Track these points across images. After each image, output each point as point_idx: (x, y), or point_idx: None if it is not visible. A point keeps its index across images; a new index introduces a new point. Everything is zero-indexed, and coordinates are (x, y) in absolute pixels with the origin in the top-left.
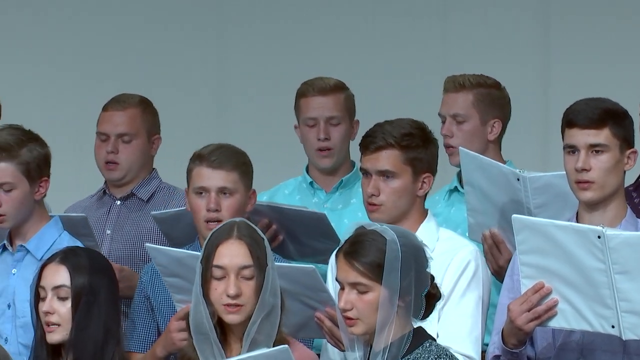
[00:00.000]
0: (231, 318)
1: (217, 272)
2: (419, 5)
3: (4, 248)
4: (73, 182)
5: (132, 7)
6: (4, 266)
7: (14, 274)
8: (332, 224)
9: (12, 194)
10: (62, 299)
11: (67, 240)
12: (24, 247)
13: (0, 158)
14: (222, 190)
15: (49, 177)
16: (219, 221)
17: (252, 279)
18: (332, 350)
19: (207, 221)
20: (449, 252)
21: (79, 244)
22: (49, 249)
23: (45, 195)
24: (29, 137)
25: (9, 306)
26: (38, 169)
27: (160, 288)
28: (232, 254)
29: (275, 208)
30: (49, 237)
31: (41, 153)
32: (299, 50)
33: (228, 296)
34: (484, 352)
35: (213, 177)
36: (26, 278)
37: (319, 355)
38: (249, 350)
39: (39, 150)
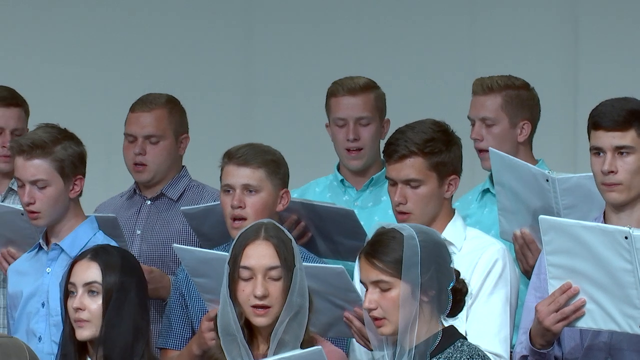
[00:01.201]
0: (259, 321)
1: (244, 273)
2: (449, 4)
3: (40, 247)
4: (103, 181)
5: (161, 6)
6: (38, 265)
7: (48, 273)
8: (363, 222)
9: (47, 191)
10: (93, 295)
11: (101, 240)
12: (58, 245)
13: (34, 155)
14: (246, 188)
15: (84, 175)
16: (243, 218)
17: (280, 279)
18: (359, 350)
19: (232, 218)
20: (477, 251)
21: (113, 244)
22: (83, 247)
23: (80, 194)
24: (65, 136)
25: (43, 305)
26: (72, 167)
27: (195, 286)
28: (260, 254)
29: (304, 204)
30: (84, 236)
31: (76, 151)
32: (328, 50)
33: (255, 297)
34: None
35: (238, 174)
36: (60, 277)
37: (347, 354)
38: (276, 351)
39: (74, 148)
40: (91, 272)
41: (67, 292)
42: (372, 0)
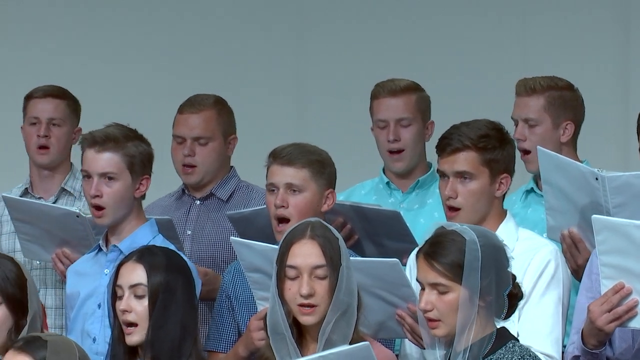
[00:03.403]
0: (305, 319)
1: (290, 272)
2: (498, 5)
3: (99, 249)
4: (152, 182)
5: (213, 8)
6: (97, 266)
7: (106, 274)
8: (408, 224)
9: (114, 185)
10: (139, 297)
11: (160, 243)
12: (117, 247)
13: (107, 148)
14: (289, 187)
15: (150, 176)
16: (286, 219)
17: (326, 278)
18: (409, 348)
19: (276, 219)
20: (529, 252)
21: (172, 247)
22: None
23: (144, 196)
24: (135, 135)
25: (99, 306)
26: (141, 165)
27: (242, 288)
28: (305, 253)
29: (351, 206)
30: (143, 239)
31: (146, 150)
32: (379, 51)
33: (301, 296)
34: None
35: (281, 174)
36: None
37: (397, 356)
38: (324, 350)
39: (144, 147)
40: (136, 274)
41: (114, 294)
42: (422, 2)
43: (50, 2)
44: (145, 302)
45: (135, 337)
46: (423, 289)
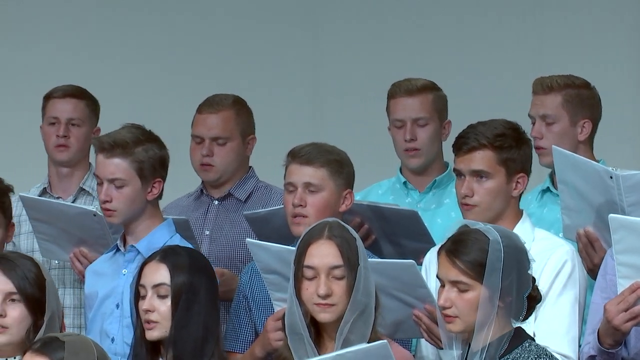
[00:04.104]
0: (323, 316)
1: (308, 272)
2: (514, 5)
3: (117, 249)
4: (170, 182)
5: (229, 8)
6: (115, 266)
7: (124, 275)
8: (425, 224)
9: (123, 190)
10: (162, 297)
11: (178, 243)
12: (135, 247)
13: (115, 154)
14: (308, 186)
15: (163, 179)
16: (304, 217)
17: (343, 278)
18: (425, 349)
19: (293, 216)
20: (545, 252)
21: (189, 247)
22: None
23: (159, 197)
24: (148, 137)
25: (117, 306)
26: (152, 169)
27: (258, 288)
28: (322, 254)
29: (369, 206)
30: (160, 239)
31: (157, 154)
32: (395, 50)
33: (319, 296)
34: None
35: (300, 173)
36: None
37: (414, 356)
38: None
39: (156, 150)
40: (160, 273)
41: (137, 293)
42: (442, 1)
43: (69, 3)
44: (168, 301)
45: (155, 332)
46: (443, 285)
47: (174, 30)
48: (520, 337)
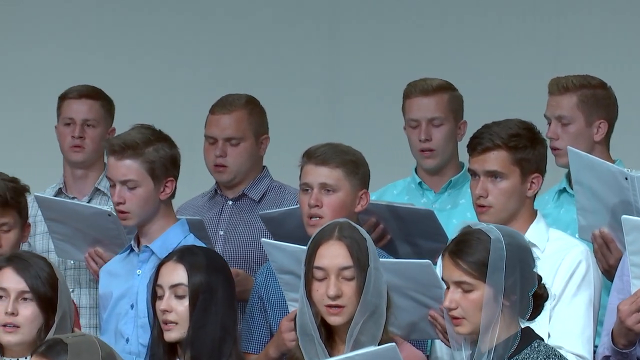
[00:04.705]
0: (333, 320)
1: (318, 273)
2: (531, 5)
3: (131, 249)
4: (185, 182)
5: (246, 8)
6: (129, 267)
7: (138, 275)
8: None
9: (136, 191)
10: (180, 297)
11: (191, 243)
12: (149, 247)
13: (126, 155)
14: (323, 187)
15: (175, 178)
16: (319, 217)
17: (353, 279)
18: (440, 350)
19: (309, 217)
20: (560, 252)
21: (204, 247)
22: (173, 250)
23: (172, 196)
24: (158, 137)
25: (132, 306)
26: (163, 169)
27: (274, 289)
28: (332, 255)
29: (384, 206)
30: (174, 239)
31: (168, 153)
32: (412, 50)
33: (329, 297)
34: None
35: (315, 173)
36: (149, 279)
37: (428, 357)
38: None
39: (166, 150)
40: (177, 274)
41: (155, 294)
42: (457, 1)
43: (84, 2)
44: (185, 302)
45: (173, 334)
46: (448, 287)
47: (188, 30)
48: (529, 337)
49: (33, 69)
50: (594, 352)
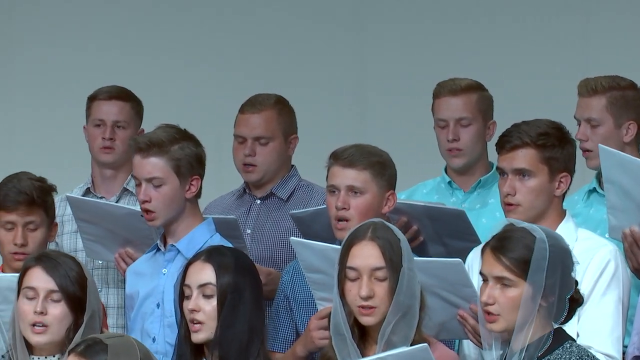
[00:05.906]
0: (365, 320)
1: (351, 274)
2: (561, 5)
3: (157, 248)
4: (213, 181)
5: (274, 6)
6: (155, 266)
7: (164, 274)
8: None
9: (162, 189)
10: (208, 297)
11: (218, 242)
12: (175, 247)
13: (151, 153)
14: (351, 189)
15: (201, 176)
16: (346, 220)
17: (386, 280)
18: (467, 349)
19: (336, 219)
20: (589, 252)
21: (229, 246)
22: (199, 249)
23: (197, 195)
24: (183, 136)
25: (158, 305)
26: (189, 167)
27: (300, 288)
28: (365, 255)
29: (415, 206)
30: (200, 238)
31: (194, 151)
32: (440, 50)
33: (361, 298)
34: (623, 353)
35: (343, 175)
36: (176, 278)
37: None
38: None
39: (192, 148)
40: (205, 273)
41: (182, 293)
42: (488, 1)
43: (115, 3)
44: (213, 301)
45: (201, 334)
46: (485, 281)
47: (218, 30)
48: (561, 338)
49: (59, 70)
50: (623, 352)
